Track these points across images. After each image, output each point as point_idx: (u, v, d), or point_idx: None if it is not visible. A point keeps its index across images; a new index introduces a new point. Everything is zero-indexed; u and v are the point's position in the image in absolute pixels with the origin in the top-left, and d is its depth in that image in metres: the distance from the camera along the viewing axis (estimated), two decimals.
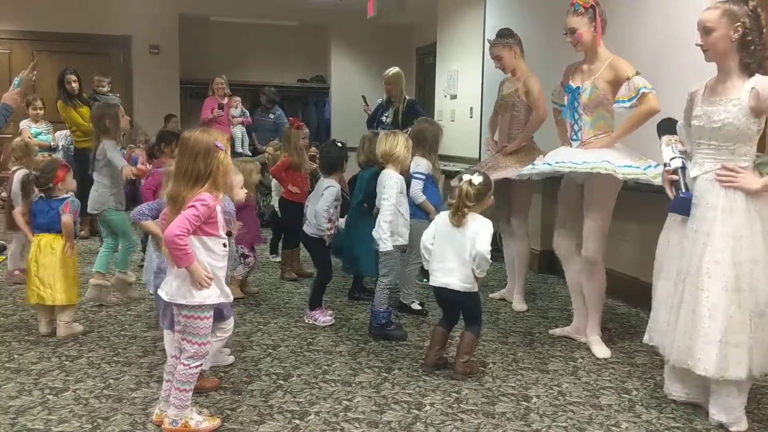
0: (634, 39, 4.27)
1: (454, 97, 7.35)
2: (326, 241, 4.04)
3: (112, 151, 4.40)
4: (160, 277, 2.94)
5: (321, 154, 4.38)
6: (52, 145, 6.65)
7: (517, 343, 3.80)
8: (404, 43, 10.15)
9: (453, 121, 7.20)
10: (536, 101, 4.23)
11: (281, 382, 3.15)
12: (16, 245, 5.15)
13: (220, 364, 3.26)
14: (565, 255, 3.81)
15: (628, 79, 3.43)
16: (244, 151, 7.76)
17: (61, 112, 6.45)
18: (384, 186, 3.78)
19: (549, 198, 5.31)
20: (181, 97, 9.61)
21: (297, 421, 2.75)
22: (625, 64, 3.48)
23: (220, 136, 2.59)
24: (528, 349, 3.71)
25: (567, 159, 3.54)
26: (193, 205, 2.47)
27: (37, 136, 6.49)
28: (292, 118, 5.31)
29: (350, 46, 10.34)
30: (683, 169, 2.86)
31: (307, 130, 5.18)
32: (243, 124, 8.05)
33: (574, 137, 3.68)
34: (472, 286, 3.24)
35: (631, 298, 4.52)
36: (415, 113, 5.72)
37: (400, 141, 3.85)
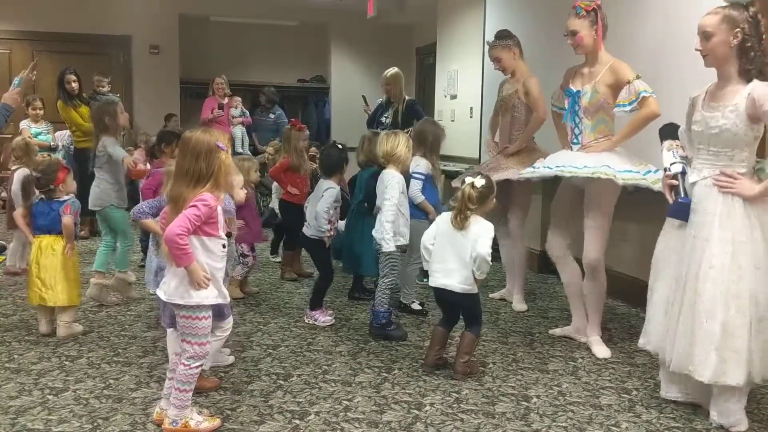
0: (634, 39, 4.27)
1: (454, 97, 7.36)
2: (326, 243, 4.04)
3: (112, 146, 4.40)
4: (161, 275, 2.94)
5: (321, 156, 4.38)
6: (52, 145, 6.66)
7: (517, 343, 3.80)
8: (404, 43, 10.16)
9: (453, 121, 7.21)
10: (536, 102, 4.23)
11: (281, 382, 3.15)
12: (17, 243, 5.16)
13: (220, 364, 3.27)
14: (558, 256, 3.82)
15: (629, 82, 3.43)
16: (244, 152, 7.74)
17: (61, 112, 6.44)
18: (386, 186, 3.77)
19: (549, 198, 5.28)
20: (181, 97, 9.62)
21: (297, 421, 2.75)
22: (625, 68, 3.48)
23: (222, 137, 2.59)
24: (528, 349, 3.72)
25: (568, 163, 3.54)
26: (195, 205, 2.47)
27: (37, 136, 6.50)
28: (294, 120, 5.26)
29: (350, 46, 10.34)
30: (683, 174, 2.86)
31: (308, 132, 5.16)
32: (243, 124, 8.04)
33: (575, 141, 3.68)
34: (472, 288, 3.24)
35: (631, 298, 4.52)
36: (415, 113, 5.72)
37: (401, 141, 3.85)
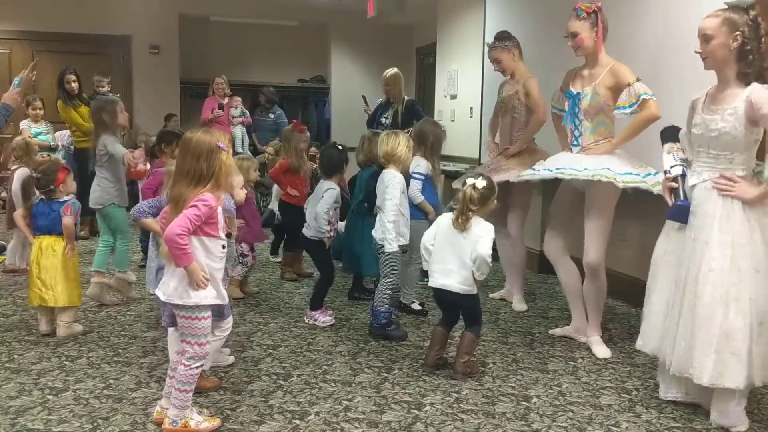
0: (634, 39, 4.27)
1: (454, 97, 7.36)
2: (326, 244, 4.04)
3: (112, 144, 4.40)
4: (161, 275, 2.94)
5: (321, 157, 4.37)
6: (52, 145, 6.66)
7: (517, 343, 3.80)
8: (404, 43, 10.16)
9: (453, 121, 7.21)
10: (536, 103, 4.23)
11: (281, 382, 3.15)
12: (16, 241, 5.16)
13: (220, 364, 3.27)
14: (555, 257, 3.82)
15: (629, 85, 3.43)
16: (244, 152, 7.74)
17: (61, 112, 6.44)
18: (387, 186, 3.77)
19: (549, 198, 5.28)
20: (181, 97, 9.62)
21: (297, 421, 2.75)
22: (625, 70, 3.48)
23: (222, 137, 2.59)
24: (528, 349, 3.72)
25: (568, 165, 3.54)
26: (195, 205, 2.47)
27: (37, 136, 6.50)
28: (295, 121, 5.21)
29: (350, 46, 10.34)
30: (683, 177, 2.86)
31: (308, 134, 5.14)
32: (243, 124, 8.05)
33: (575, 143, 3.68)
34: (471, 288, 3.24)
35: (631, 298, 4.51)
36: (415, 114, 5.71)
37: (402, 141, 3.84)
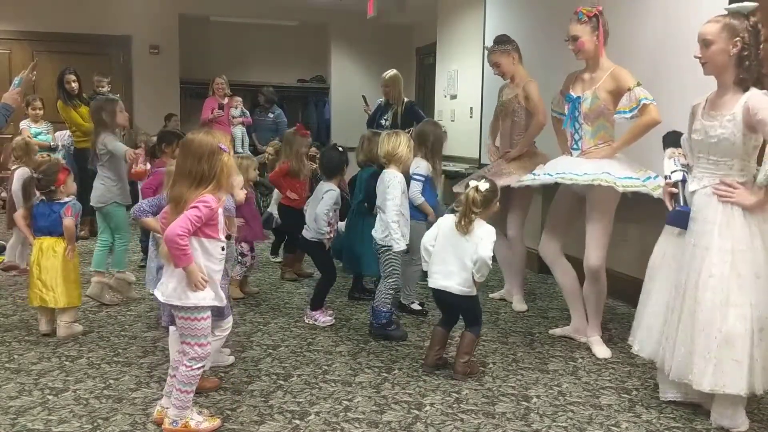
0: (634, 39, 4.27)
1: (454, 97, 7.36)
2: (326, 245, 4.04)
3: (112, 143, 4.40)
4: (161, 274, 2.94)
5: (322, 158, 4.37)
6: (52, 145, 6.66)
7: (517, 343, 3.80)
8: (404, 43, 10.16)
9: (453, 121, 7.21)
10: (536, 107, 4.22)
11: (281, 382, 3.15)
12: (15, 239, 5.16)
13: (220, 364, 3.27)
14: (552, 260, 3.83)
15: (630, 89, 3.43)
16: (244, 152, 7.74)
17: (60, 112, 6.44)
18: (387, 186, 3.76)
19: (548, 199, 5.28)
20: (181, 97, 9.62)
21: (297, 421, 2.75)
22: (626, 75, 3.48)
23: (223, 138, 2.59)
24: (528, 349, 3.72)
25: (568, 170, 3.54)
26: (196, 206, 2.47)
27: (36, 136, 6.50)
28: (299, 125, 5.13)
29: (350, 46, 10.34)
30: (683, 183, 2.86)
31: (311, 139, 5.10)
32: (243, 124, 8.04)
33: (575, 146, 3.68)
34: (471, 290, 3.24)
35: (631, 298, 4.48)
36: (414, 115, 5.71)
37: (403, 141, 3.84)
